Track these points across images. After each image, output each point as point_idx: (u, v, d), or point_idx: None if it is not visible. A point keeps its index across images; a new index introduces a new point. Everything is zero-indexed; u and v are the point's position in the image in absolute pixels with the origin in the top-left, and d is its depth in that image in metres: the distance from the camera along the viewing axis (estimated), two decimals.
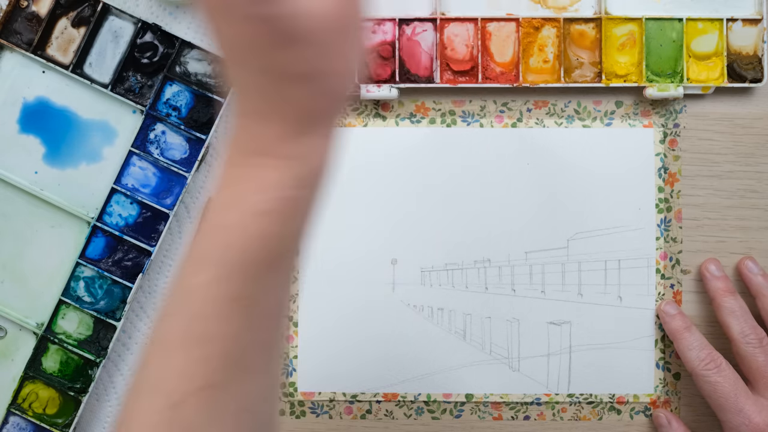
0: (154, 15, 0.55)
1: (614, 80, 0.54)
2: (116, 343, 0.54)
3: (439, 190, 0.55)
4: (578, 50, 0.54)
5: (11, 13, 0.54)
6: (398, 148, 0.55)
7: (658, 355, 0.54)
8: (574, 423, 0.54)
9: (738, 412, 0.49)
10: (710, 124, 0.55)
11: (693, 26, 0.54)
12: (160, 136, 0.54)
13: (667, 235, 0.54)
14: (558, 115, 0.55)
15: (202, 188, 0.55)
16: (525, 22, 0.54)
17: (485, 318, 0.54)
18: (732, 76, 0.54)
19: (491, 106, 0.55)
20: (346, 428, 0.55)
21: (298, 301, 0.55)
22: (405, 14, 0.54)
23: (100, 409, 0.54)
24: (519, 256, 0.54)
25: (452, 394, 0.54)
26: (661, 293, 0.54)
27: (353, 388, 0.54)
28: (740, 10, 0.54)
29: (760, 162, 0.55)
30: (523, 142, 0.55)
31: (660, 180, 0.55)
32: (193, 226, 0.55)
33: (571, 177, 0.55)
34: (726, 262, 0.54)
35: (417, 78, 0.54)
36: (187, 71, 0.54)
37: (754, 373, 0.50)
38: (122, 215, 0.54)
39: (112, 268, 0.53)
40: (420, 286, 0.55)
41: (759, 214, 0.55)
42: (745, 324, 0.51)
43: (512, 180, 0.55)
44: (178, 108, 0.54)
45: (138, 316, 0.54)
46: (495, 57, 0.54)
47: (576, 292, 0.54)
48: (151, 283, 0.54)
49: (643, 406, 0.54)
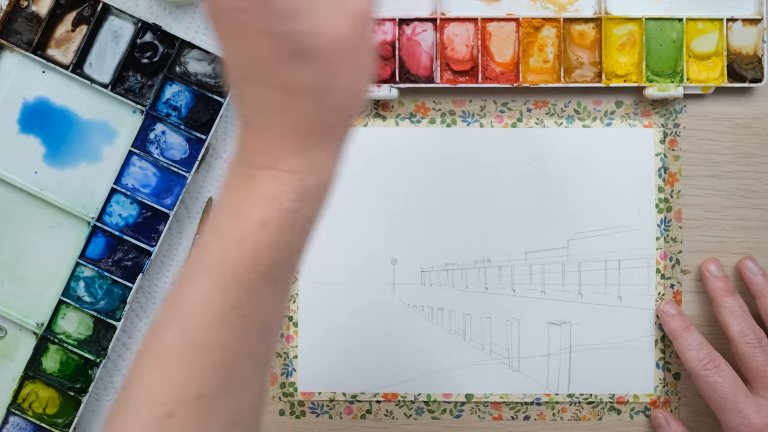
0: (154, 15, 0.55)
1: (614, 80, 0.54)
2: (116, 343, 0.54)
3: (439, 190, 0.55)
4: (578, 50, 0.54)
5: (11, 13, 0.54)
6: (398, 148, 0.55)
7: (658, 355, 0.54)
8: (574, 423, 0.54)
9: (737, 412, 0.49)
10: (710, 124, 0.55)
11: (693, 26, 0.54)
12: (160, 136, 0.54)
13: (667, 235, 0.54)
14: (558, 115, 0.55)
15: (202, 188, 0.55)
16: (525, 22, 0.54)
17: (485, 318, 0.54)
18: (732, 76, 0.54)
19: (491, 106, 0.55)
20: (346, 428, 0.55)
21: (298, 301, 0.55)
22: (405, 14, 0.54)
23: (100, 409, 0.54)
24: (519, 256, 0.54)
25: (452, 394, 0.54)
26: (661, 293, 0.54)
27: (353, 388, 0.54)
28: (740, 10, 0.54)
29: (760, 162, 0.55)
30: (523, 142, 0.55)
31: (660, 180, 0.55)
32: (194, 228, 0.55)
33: (571, 177, 0.55)
34: (726, 262, 0.54)
35: (417, 78, 0.54)
36: (187, 71, 0.54)
37: (753, 373, 0.50)
38: (122, 215, 0.54)
39: (112, 268, 0.53)
40: (420, 286, 0.55)
41: (759, 214, 0.55)
42: (745, 324, 0.51)
43: (512, 180, 0.55)
44: (178, 108, 0.54)
45: (138, 316, 0.54)
46: (495, 57, 0.54)
47: (576, 292, 0.54)
48: (151, 283, 0.54)
49: (643, 406, 0.54)
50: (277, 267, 0.34)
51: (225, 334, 0.33)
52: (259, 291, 0.33)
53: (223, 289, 0.33)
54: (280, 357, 0.55)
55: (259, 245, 0.33)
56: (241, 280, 0.33)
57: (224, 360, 0.33)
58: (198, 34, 0.54)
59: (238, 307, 0.33)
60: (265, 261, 0.33)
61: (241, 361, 0.33)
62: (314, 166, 0.34)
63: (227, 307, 0.33)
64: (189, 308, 0.33)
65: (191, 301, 0.33)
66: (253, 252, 0.33)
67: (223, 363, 0.33)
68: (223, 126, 0.55)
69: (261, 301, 0.34)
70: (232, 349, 0.33)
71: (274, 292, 0.34)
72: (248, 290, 0.33)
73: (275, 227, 0.33)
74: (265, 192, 0.33)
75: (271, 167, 0.33)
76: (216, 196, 0.54)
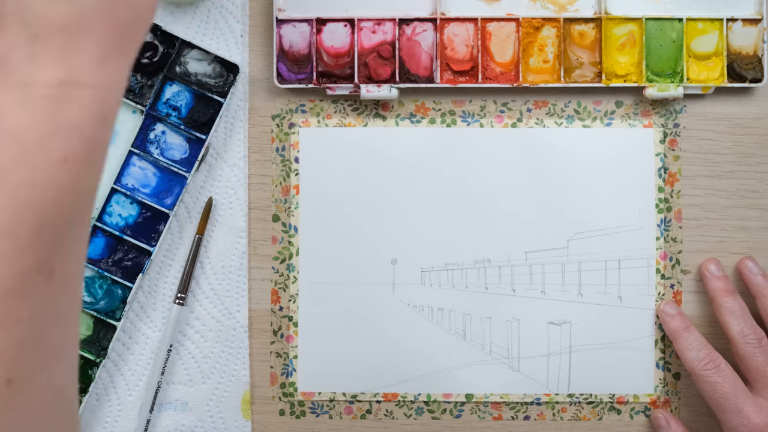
0: (154, 15, 0.54)
1: (614, 80, 0.54)
2: (116, 343, 0.54)
3: (439, 190, 0.55)
4: (578, 50, 0.54)
5: None
6: (398, 148, 0.55)
7: (658, 355, 0.54)
8: (574, 423, 0.54)
9: (737, 412, 0.49)
10: (710, 124, 0.55)
11: (693, 26, 0.54)
12: (160, 136, 0.54)
13: (667, 235, 0.54)
14: (558, 115, 0.55)
15: (202, 188, 0.55)
16: (525, 22, 0.54)
17: (485, 318, 0.54)
18: (732, 76, 0.54)
19: (491, 106, 0.55)
20: (346, 428, 0.55)
21: (298, 301, 0.55)
22: (405, 14, 0.54)
23: (100, 409, 0.54)
24: (519, 256, 0.54)
25: (452, 394, 0.54)
26: (661, 293, 0.54)
27: (353, 388, 0.54)
28: (740, 10, 0.54)
29: (760, 162, 0.55)
30: (523, 142, 0.55)
31: (660, 180, 0.55)
32: (194, 228, 0.54)
33: (571, 177, 0.55)
34: (726, 262, 0.54)
35: (417, 78, 0.54)
36: (187, 71, 0.54)
37: (753, 373, 0.50)
38: (122, 215, 0.54)
39: (112, 268, 0.53)
40: (420, 286, 0.55)
41: (759, 214, 0.55)
42: (745, 324, 0.51)
43: (512, 180, 0.55)
44: (178, 108, 0.54)
45: (138, 316, 0.54)
46: (495, 57, 0.54)
47: (576, 292, 0.54)
48: (151, 283, 0.54)
49: (643, 406, 0.54)
50: (78, 209, 0.29)
51: (28, 301, 0.27)
52: (62, 242, 0.28)
53: (22, 250, 0.27)
54: (280, 357, 0.55)
55: (62, 188, 0.27)
56: (44, 233, 0.27)
57: (31, 332, 0.28)
58: (198, 34, 0.54)
59: (42, 266, 0.27)
60: (68, 205, 0.28)
61: (49, 328, 0.28)
62: (116, 79, 0.28)
63: (30, 270, 0.27)
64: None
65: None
66: (55, 199, 0.27)
67: (29, 336, 0.27)
68: (223, 126, 0.55)
69: (65, 254, 0.28)
70: (38, 316, 0.28)
71: (78, 238, 0.29)
72: (52, 245, 0.28)
73: (77, 163, 0.27)
74: (65, 118, 0.27)
75: (74, 83, 0.27)
76: (215, 196, 0.55)
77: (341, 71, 0.54)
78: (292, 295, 0.55)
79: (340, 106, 0.55)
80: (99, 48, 0.28)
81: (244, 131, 0.55)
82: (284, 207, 0.55)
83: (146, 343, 0.54)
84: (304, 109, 0.55)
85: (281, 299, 0.55)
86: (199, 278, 0.54)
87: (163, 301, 0.54)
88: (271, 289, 0.55)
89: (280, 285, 0.55)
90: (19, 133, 0.27)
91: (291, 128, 0.55)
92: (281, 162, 0.55)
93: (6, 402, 0.27)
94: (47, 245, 0.28)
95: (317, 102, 0.55)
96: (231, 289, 0.54)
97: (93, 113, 0.27)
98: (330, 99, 0.55)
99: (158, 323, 0.54)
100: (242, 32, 0.55)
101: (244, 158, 0.55)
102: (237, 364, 0.54)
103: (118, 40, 0.28)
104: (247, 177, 0.55)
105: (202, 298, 0.54)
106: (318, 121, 0.55)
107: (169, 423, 0.54)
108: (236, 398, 0.54)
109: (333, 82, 0.54)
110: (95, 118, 0.28)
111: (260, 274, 0.55)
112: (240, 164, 0.55)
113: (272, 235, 0.55)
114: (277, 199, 0.55)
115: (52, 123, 0.27)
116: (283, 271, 0.55)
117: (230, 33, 0.55)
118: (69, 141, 0.27)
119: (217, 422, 0.54)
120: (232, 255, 0.54)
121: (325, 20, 0.54)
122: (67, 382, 0.30)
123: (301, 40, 0.54)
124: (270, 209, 0.55)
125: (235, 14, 0.55)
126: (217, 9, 0.55)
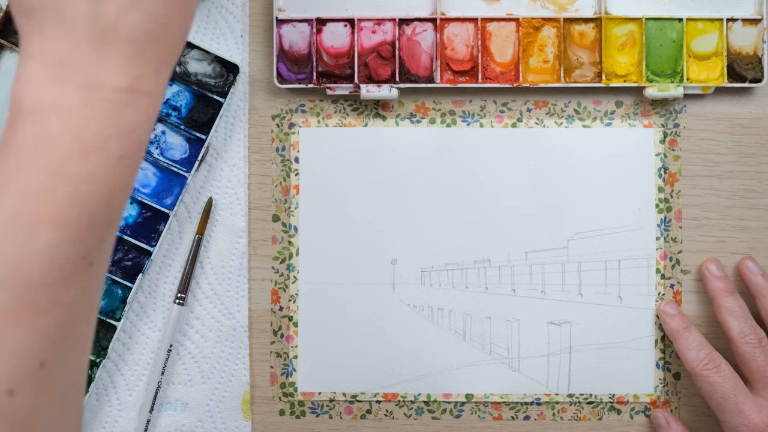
0: None
1: (614, 80, 0.54)
2: (116, 343, 0.54)
3: (439, 190, 0.55)
4: (578, 50, 0.54)
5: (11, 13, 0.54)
6: (398, 148, 0.55)
7: (658, 355, 0.54)
8: (574, 423, 0.54)
9: (737, 412, 0.49)
10: (710, 124, 0.55)
11: (693, 26, 0.54)
12: (160, 136, 0.54)
13: (667, 235, 0.54)
14: (558, 115, 0.55)
15: (202, 188, 0.55)
16: (525, 22, 0.54)
17: (485, 318, 0.54)
18: (732, 76, 0.54)
19: (491, 106, 0.55)
20: (346, 428, 0.55)
21: (298, 301, 0.55)
22: (405, 14, 0.54)
23: (100, 409, 0.54)
24: (519, 256, 0.54)
25: (452, 394, 0.54)
26: (661, 293, 0.54)
27: (353, 388, 0.54)
28: (740, 10, 0.54)
29: (760, 162, 0.55)
30: (523, 142, 0.55)
31: (660, 180, 0.55)
32: (194, 227, 0.54)
33: (571, 177, 0.55)
34: (726, 262, 0.54)
35: (417, 78, 0.54)
36: (187, 71, 0.54)
37: (753, 374, 0.50)
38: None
39: (112, 268, 0.53)
40: (420, 286, 0.55)
41: (759, 214, 0.55)
42: (745, 324, 0.51)
43: (512, 180, 0.55)
44: (178, 108, 0.54)
45: (138, 316, 0.54)
46: (495, 57, 0.54)
47: (576, 292, 0.54)
48: (151, 283, 0.54)
49: (643, 406, 0.54)
50: (122, 204, 0.31)
51: (72, 289, 0.29)
52: (106, 235, 0.30)
53: (74, 240, 0.29)
54: (280, 357, 0.55)
55: (116, 184, 0.29)
56: (93, 226, 0.29)
57: (66, 319, 0.29)
58: (198, 34, 0.54)
59: (87, 256, 0.29)
60: (118, 200, 0.30)
61: (79, 315, 0.30)
62: (164, 90, 0.31)
63: (76, 258, 0.29)
64: (26, 265, 0.28)
65: (29, 256, 0.28)
66: (108, 194, 0.29)
67: (65, 323, 0.29)
68: (223, 126, 0.55)
69: (105, 245, 0.31)
70: (75, 303, 0.29)
71: (114, 232, 0.31)
72: (98, 237, 0.29)
73: (131, 163, 0.30)
74: (127, 120, 0.29)
75: (134, 89, 0.29)
76: (215, 196, 0.55)
77: (341, 71, 0.54)
78: (292, 295, 0.55)
79: (340, 106, 0.55)
80: (158, 60, 0.30)
81: (244, 131, 0.55)
82: (284, 207, 0.55)
83: (146, 343, 0.54)
84: (304, 109, 0.55)
85: (281, 299, 0.55)
86: (199, 278, 0.54)
87: (163, 301, 0.54)
88: (271, 289, 0.55)
89: (280, 285, 0.55)
90: (84, 130, 0.29)
91: (291, 128, 0.55)
92: (281, 162, 0.55)
93: (40, 385, 0.29)
94: (94, 237, 0.29)
95: (317, 102, 0.55)
96: (231, 289, 0.54)
97: (148, 118, 0.30)
98: (330, 99, 0.55)
99: (158, 323, 0.54)
100: (242, 32, 0.55)
101: (244, 158, 0.55)
102: (237, 364, 0.54)
103: (169, 55, 0.31)
104: (247, 177, 0.55)
105: (202, 298, 0.54)
106: (318, 121, 0.55)
107: (169, 423, 0.54)
108: (236, 398, 0.54)
109: (333, 82, 0.54)
110: (148, 123, 0.30)
111: (260, 274, 0.55)
112: (240, 164, 0.55)
113: (272, 235, 0.55)
114: (277, 199, 0.55)
115: (114, 124, 0.29)
116: (283, 271, 0.55)
117: (230, 33, 0.55)
118: (127, 142, 0.29)
119: (217, 422, 0.54)
120: (232, 255, 0.54)
121: (325, 20, 0.54)
122: (85, 367, 0.32)
123: (301, 40, 0.54)
124: (270, 209, 0.55)
125: (235, 14, 0.55)
126: (217, 9, 0.55)
